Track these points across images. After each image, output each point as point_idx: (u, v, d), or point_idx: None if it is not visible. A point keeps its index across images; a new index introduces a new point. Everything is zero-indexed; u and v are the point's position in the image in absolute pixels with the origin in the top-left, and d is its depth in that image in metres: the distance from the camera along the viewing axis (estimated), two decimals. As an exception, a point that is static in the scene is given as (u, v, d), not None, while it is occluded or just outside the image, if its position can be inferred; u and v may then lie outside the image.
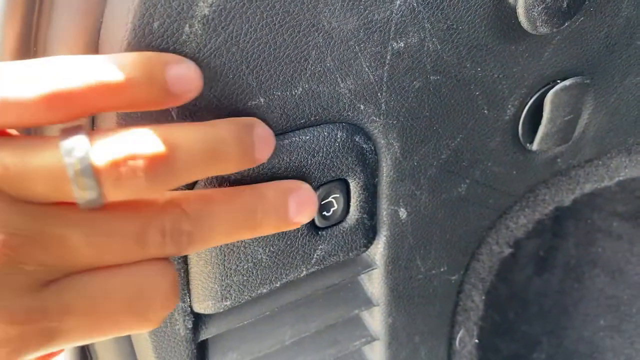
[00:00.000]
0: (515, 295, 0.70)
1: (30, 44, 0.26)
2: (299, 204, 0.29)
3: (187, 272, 0.32)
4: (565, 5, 0.31)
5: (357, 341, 0.41)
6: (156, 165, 0.23)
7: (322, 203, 0.33)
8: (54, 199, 0.22)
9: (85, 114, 0.23)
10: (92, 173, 0.22)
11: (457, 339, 0.46)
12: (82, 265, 0.23)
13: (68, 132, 0.22)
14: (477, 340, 0.47)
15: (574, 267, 0.70)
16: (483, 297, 0.45)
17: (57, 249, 0.22)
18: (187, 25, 0.26)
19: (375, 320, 0.41)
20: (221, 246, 0.31)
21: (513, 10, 0.32)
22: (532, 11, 0.31)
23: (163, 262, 0.25)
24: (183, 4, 0.25)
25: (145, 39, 0.25)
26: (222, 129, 0.25)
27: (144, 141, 0.23)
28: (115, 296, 0.23)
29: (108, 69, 0.22)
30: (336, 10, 0.28)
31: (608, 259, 0.69)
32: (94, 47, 0.26)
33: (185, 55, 0.26)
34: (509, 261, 0.68)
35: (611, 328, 0.72)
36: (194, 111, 0.28)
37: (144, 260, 0.24)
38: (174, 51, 0.26)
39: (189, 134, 0.24)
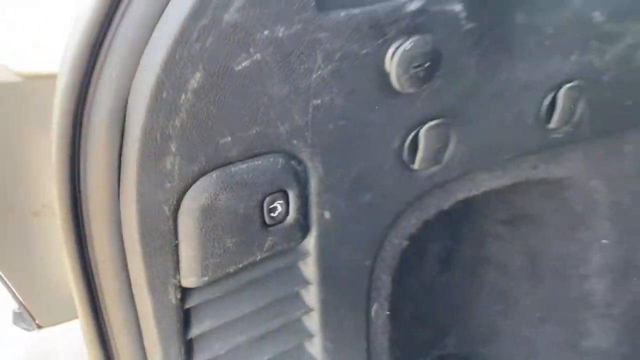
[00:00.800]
0: (426, 290, 0.87)
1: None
2: None
3: (177, 256, 0.47)
4: (422, 74, 0.49)
5: (298, 311, 0.57)
6: None
7: (270, 207, 0.49)
8: None
9: None
10: None
11: (372, 311, 0.62)
12: None
13: None
14: (388, 312, 0.63)
15: (470, 265, 0.87)
16: (390, 278, 0.61)
17: None
18: (183, 94, 0.41)
19: (311, 295, 0.57)
20: (201, 238, 0.46)
21: (389, 77, 0.49)
22: (400, 78, 0.48)
23: None
24: (181, 80, 0.41)
25: (157, 105, 0.41)
26: None
27: None
28: None
29: None
30: (275, 82, 0.44)
31: (496, 257, 0.87)
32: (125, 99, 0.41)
33: (180, 111, 0.42)
34: (418, 262, 0.85)
35: (502, 314, 0.90)
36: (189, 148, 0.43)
37: None
38: (175, 110, 0.41)
39: None
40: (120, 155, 0.43)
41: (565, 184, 0.74)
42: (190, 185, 0.45)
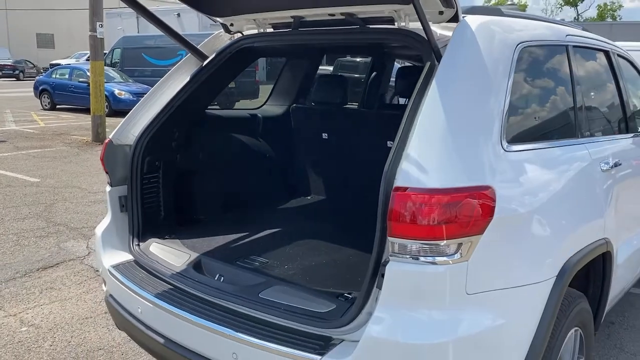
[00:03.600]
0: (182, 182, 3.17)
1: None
2: None
3: None
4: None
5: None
6: None
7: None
8: None
9: None
10: None
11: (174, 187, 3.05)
12: None
13: None
14: (177, 188, 3.14)
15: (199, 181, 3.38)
16: (173, 181, 3.23)
17: None
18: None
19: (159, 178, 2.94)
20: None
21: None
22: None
23: None
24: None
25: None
26: None
27: None
28: None
29: None
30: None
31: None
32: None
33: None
34: (182, 178, 3.32)
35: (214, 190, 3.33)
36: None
37: None
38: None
39: None
40: None
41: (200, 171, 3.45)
42: None
